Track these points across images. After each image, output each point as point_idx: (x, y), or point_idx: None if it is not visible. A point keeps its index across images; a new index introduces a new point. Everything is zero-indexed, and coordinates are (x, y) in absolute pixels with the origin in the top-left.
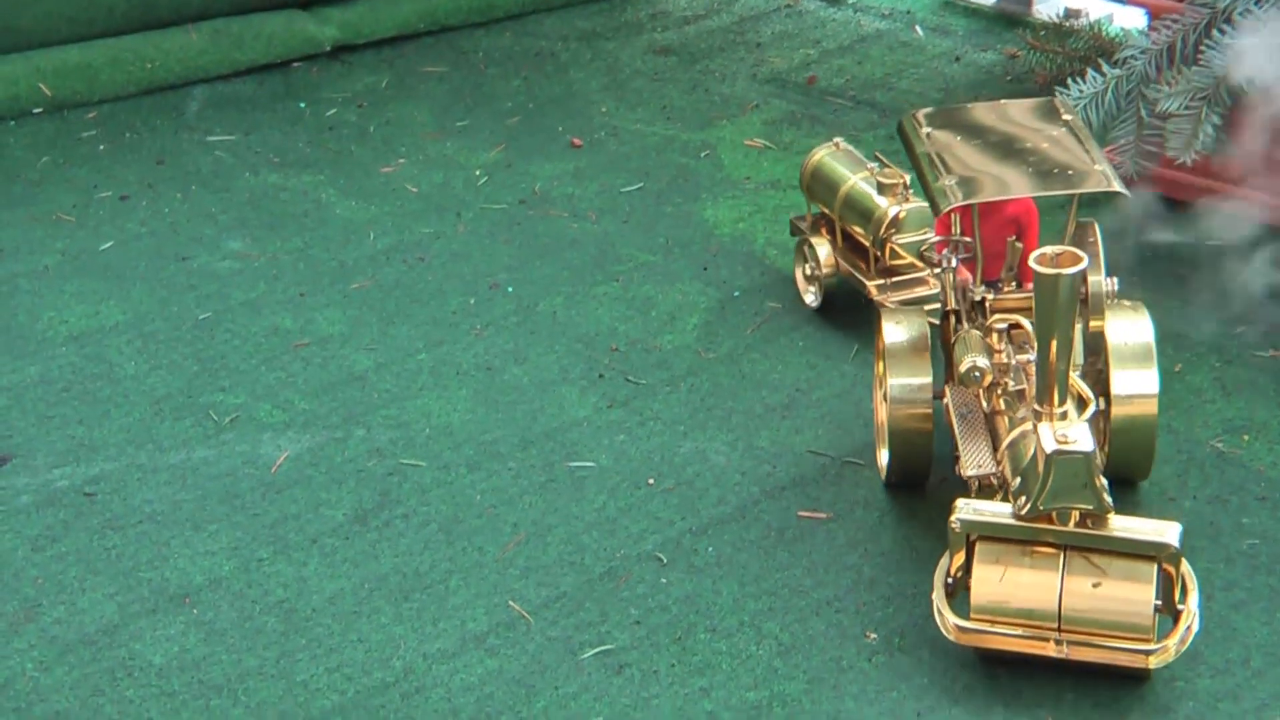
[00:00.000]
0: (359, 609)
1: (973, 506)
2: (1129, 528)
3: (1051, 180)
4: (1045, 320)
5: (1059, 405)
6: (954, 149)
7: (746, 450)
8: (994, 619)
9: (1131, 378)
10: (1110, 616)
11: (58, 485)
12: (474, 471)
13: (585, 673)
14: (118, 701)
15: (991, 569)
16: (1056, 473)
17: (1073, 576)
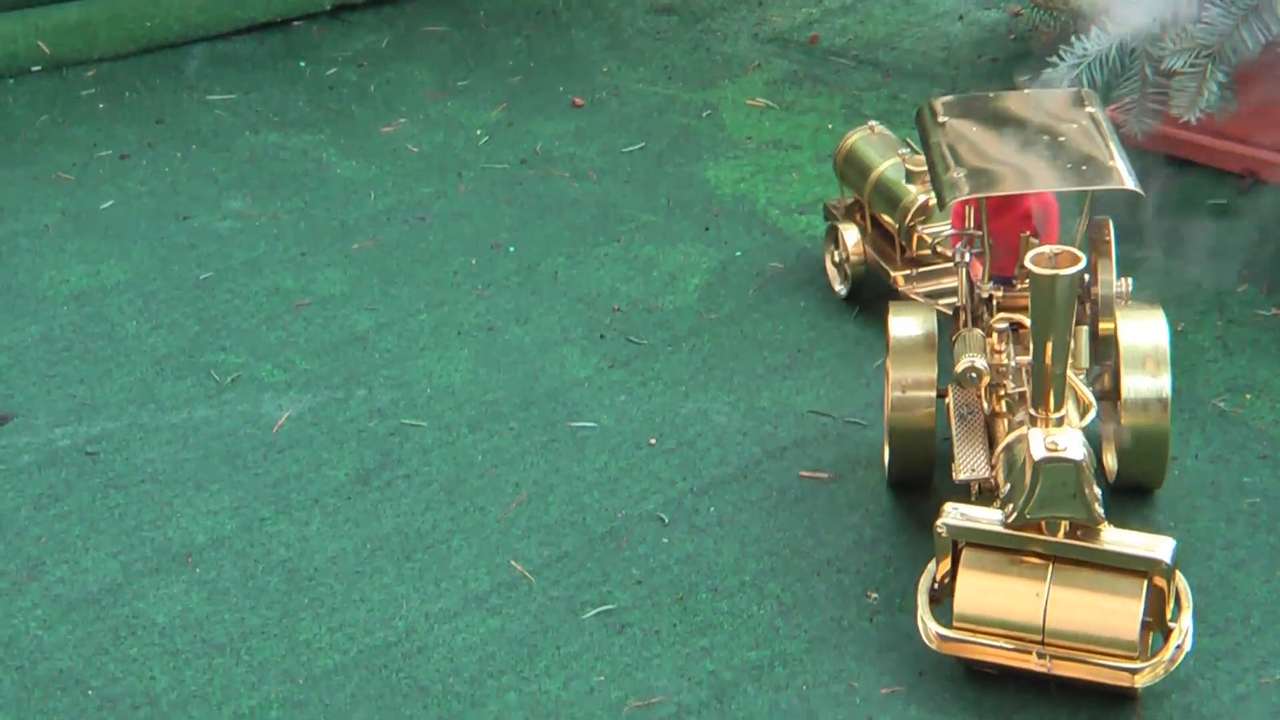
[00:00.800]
0: (361, 569)
1: (960, 511)
2: (1120, 541)
3: (1063, 176)
4: (1041, 322)
5: (1055, 410)
6: (967, 140)
7: (748, 410)
8: (976, 628)
9: (1142, 383)
10: (1096, 631)
11: (59, 444)
12: (475, 431)
13: (587, 632)
14: (121, 660)
15: (976, 577)
16: (1045, 481)
17: (1059, 588)
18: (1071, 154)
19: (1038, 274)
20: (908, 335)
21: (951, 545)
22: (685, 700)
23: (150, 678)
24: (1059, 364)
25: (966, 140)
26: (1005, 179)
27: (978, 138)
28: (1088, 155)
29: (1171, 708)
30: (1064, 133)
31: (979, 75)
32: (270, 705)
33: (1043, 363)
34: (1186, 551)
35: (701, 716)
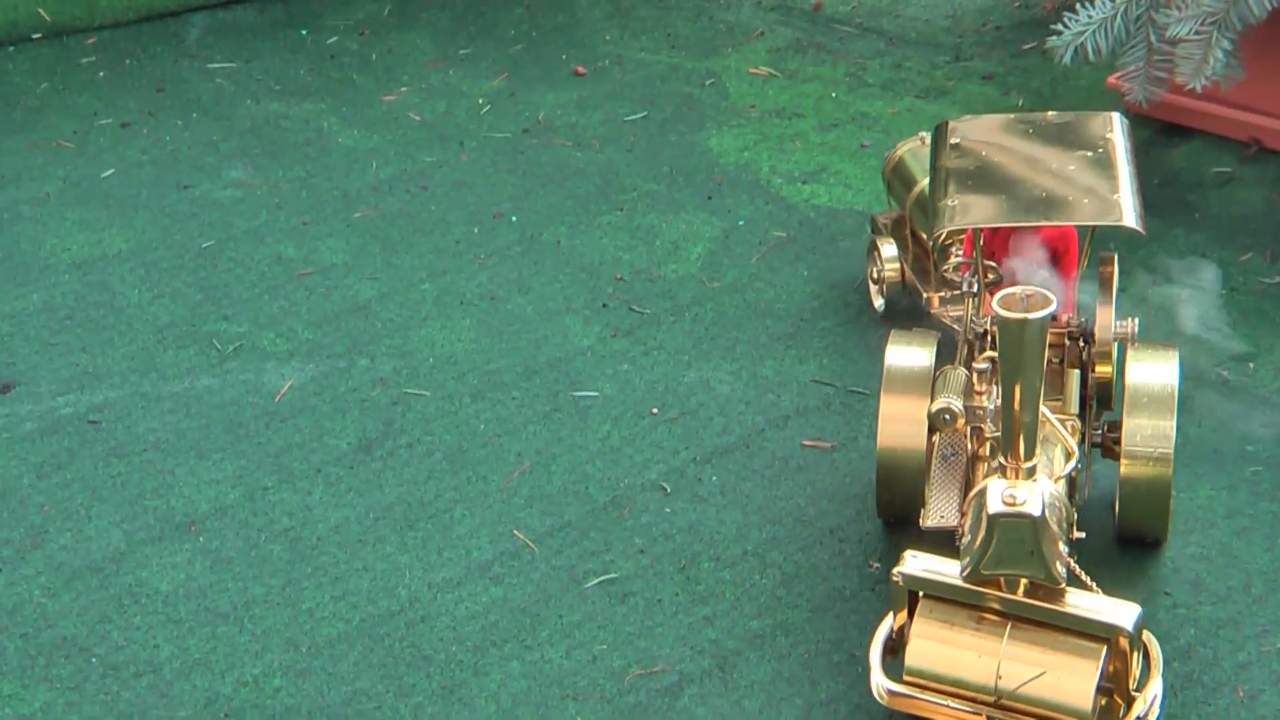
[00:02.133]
0: (364, 538)
1: (919, 560)
2: (1081, 605)
3: (1060, 209)
4: (1009, 367)
5: (1025, 459)
6: (973, 165)
7: (751, 379)
8: (927, 684)
9: (1145, 429)
10: (1048, 697)
11: (62, 413)
12: (478, 401)
13: (589, 601)
14: (125, 628)
15: (930, 630)
16: (1000, 536)
17: (1014, 649)
18: (1076, 185)
19: (1005, 317)
20: (904, 365)
21: (909, 595)
22: (687, 669)
23: (154, 646)
24: (1028, 411)
25: (972, 165)
26: (997, 211)
27: (984, 164)
28: (1092, 187)
29: (1172, 676)
30: (1075, 161)
31: (983, 43)
32: (273, 673)
33: (1011, 408)
34: (1189, 520)
35: (704, 685)
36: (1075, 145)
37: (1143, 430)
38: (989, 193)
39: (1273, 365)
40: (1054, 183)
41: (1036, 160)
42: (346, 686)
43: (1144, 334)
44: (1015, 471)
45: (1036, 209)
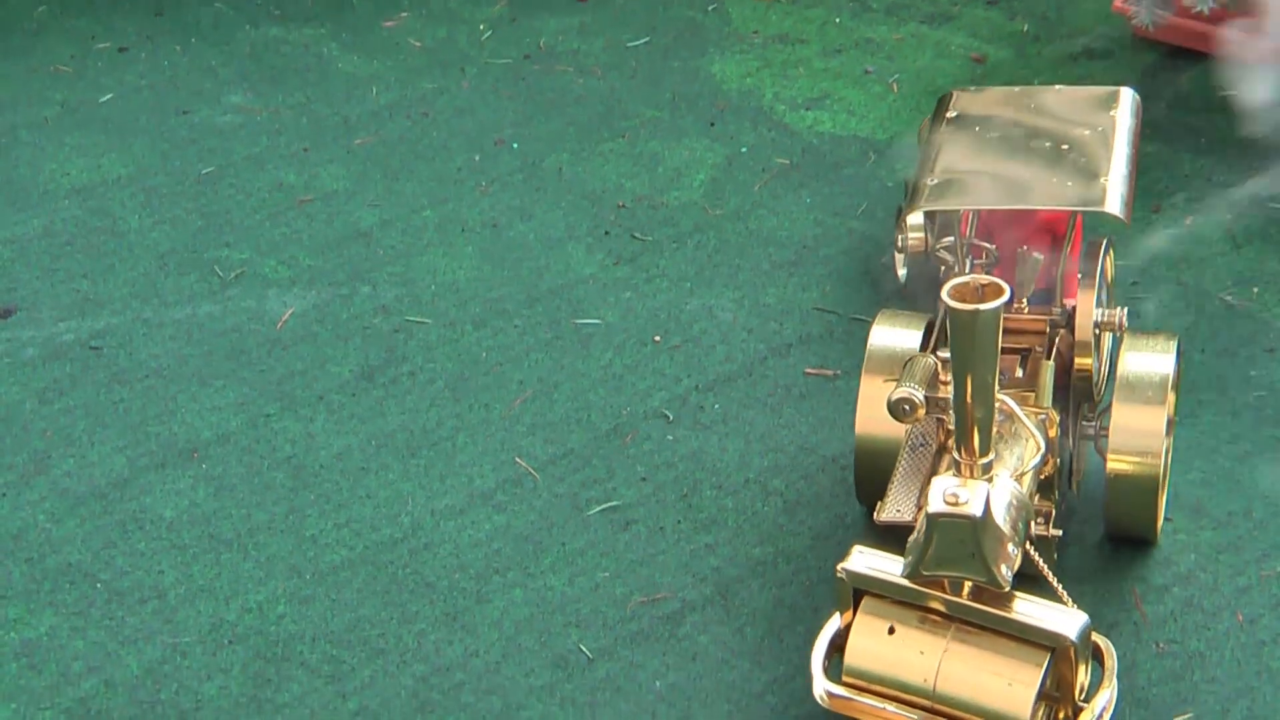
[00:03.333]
0: (367, 465)
1: (866, 556)
2: (1025, 611)
3: (1043, 193)
4: (960, 360)
5: (981, 455)
6: (964, 141)
7: (753, 307)
8: (866, 684)
9: (1132, 426)
10: (986, 703)
11: (63, 338)
12: (480, 329)
13: (592, 529)
14: (129, 554)
15: (872, 629)
16: (939, 537)
17: (955, 652)
18: (1065, 167)
19: (954, 309)
20: (887, 347)
21: (854, 592)
22: (690, 596)
23: (158, 571)
24: (981, 405)
25: (963, 142)
26: (973, 193)
27: (976, 140)
28: (1082, 170)
29: (1173, 601)
30: (1072, 140)
31: None
32: (278, 600)
33: (963, 402)
34: (1191, 446)
35: (705, 613)
36: (1076, 123)
37: (1130, 426)
38: (972, 173)
39: (1277, 290)
40: (1043, 164)
41: (1032, 138)
42: (350, 613)
43: (1148, 269)
44: (969, 468)
45: (1016, 192)
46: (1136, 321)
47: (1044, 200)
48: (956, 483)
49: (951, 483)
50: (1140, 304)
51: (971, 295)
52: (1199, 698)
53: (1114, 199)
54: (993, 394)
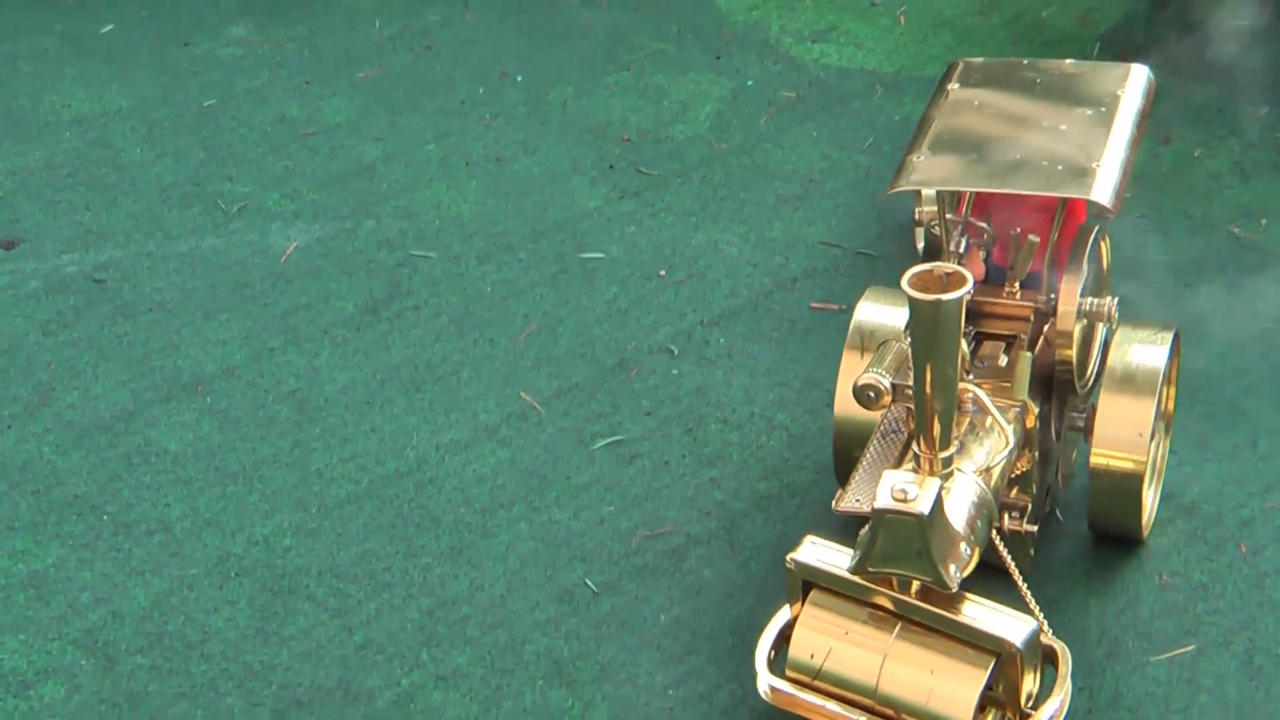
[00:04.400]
0: (371, 399)
1: (816, 548)
2: (972, 614)
3: (1029, 176)
4: (921, 350)
5: (941, 449)
6: (960, 117)
7: (759, 241)
8: (810, 679)
9: (1117, 418)
10: (928, 705)
11: (67, 271)
12: (484, 263)
13: (597, 463)
14: (135, 487)
15: (818, 621)
16: (886, 534)
17: (900, 651)
18: (1058, 149)
19: (915, 299)
20: (872, 324)
21: (803, 583)
22: (694, 530)
23: (164, 505)
24: (941, 397)
25: (958, 117)
26: (958, 173)
27: (972, 116)
28: (1075, 152)
29: (1176, 533)
30: (1071, 120)
31: None
32: (283, 533)
33: (923, 394)
34: (1197, 378)
35: (710, 547)
36: (1080, 100)
37: (1116, 419)
38: (961, 151)
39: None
40: (1036, 144)
41: (1030, 116)
42: (356, 547)
43: (1157, 201)
44: (929, 462)
45: (1001, 174)
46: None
47: (1028, 184)
48: (909, 478)
49: (903, 478)
50: (1147, 237)
51: (935, 284)
52: (1201, 629)
53: (1102, 186)
54: (954, 386)
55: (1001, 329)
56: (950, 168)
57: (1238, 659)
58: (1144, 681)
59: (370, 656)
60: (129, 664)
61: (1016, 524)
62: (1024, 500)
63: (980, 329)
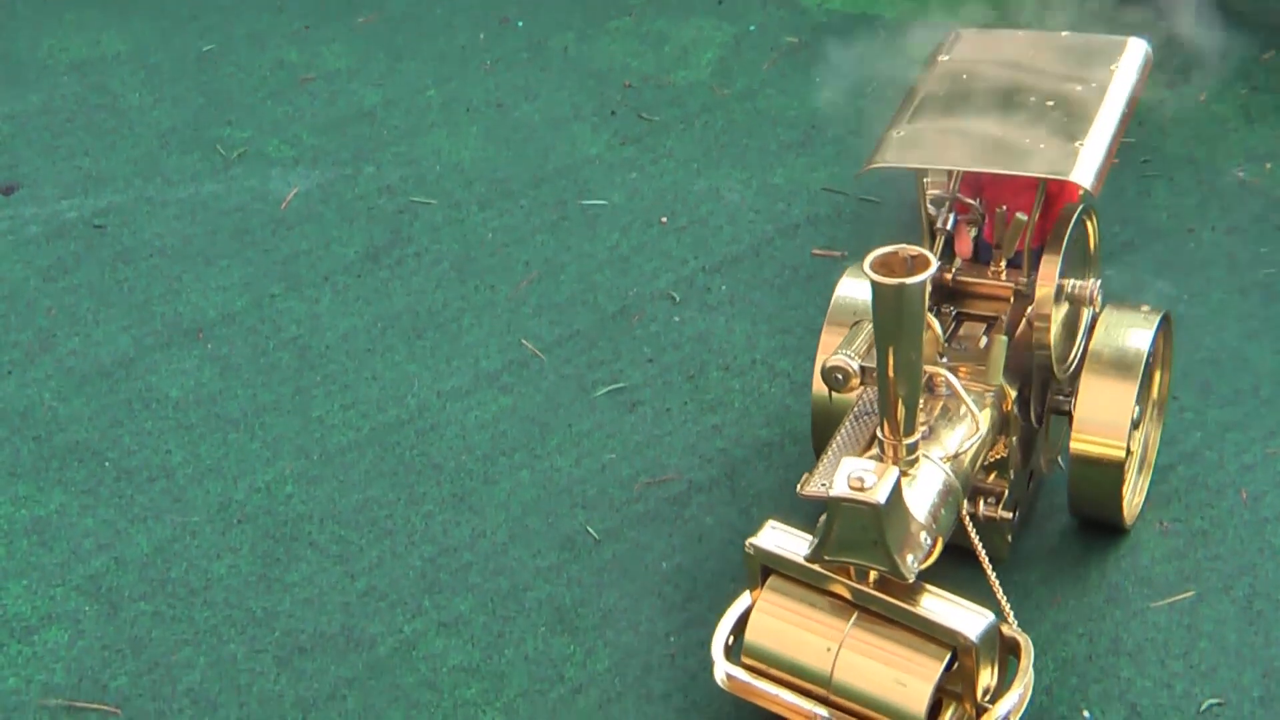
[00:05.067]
0: (373, 346)
1: (776, 532)
2: (929, 606)
3: (1008, 155)
4: (884, 334)
5: (906, 435)
6: (946, 90)
7: (761, 188)
8: (765, 666)
9: (1098, 402)
10: (881, 695)
11: (66, 216)
12: (485, 209)
13: (598, 410)
14: (136, 433)
15: (775, 606)
16: (841, 522)
17: (856, 640)
18: (1043, 126)
19: (877, 282)
20: (852, 300)
21: (763, 569)
22: (696, 477)
23: (166, 451)
24: (904, 384)
25: (945, 91)
26: (933, 151)
27: (958, 90)
28: (1060, 130)
29: (1178, 479)
30: (1060, 96)
31: None
32: (285, 480)
33: (885, 380)
34: (1200, 324)
35: (712, 494)
36: (1071, 75)
37: (1096, 403)
38: (942, 127)
39: None
40: (1020, 121)
41: (1018, 91)
42: (358, 494)
43: (1160, 146)
44: (893, 448)
45: (980, 152)
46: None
47: (1006, 164)
48: (867, 466)
49: (861, 465)
50: (1151, 183)
51: (900, 266)
52: (1201, 575)
53: (1084, 168)
54: (918, 371)
55: (984, 309)
56: (928, 146)
57: (1237, 604)
58: (1144, 627)
59: (372, 603)
60: (132, 610)
61: (992, 510)
62: (1001, 486)
63: (962, 309)
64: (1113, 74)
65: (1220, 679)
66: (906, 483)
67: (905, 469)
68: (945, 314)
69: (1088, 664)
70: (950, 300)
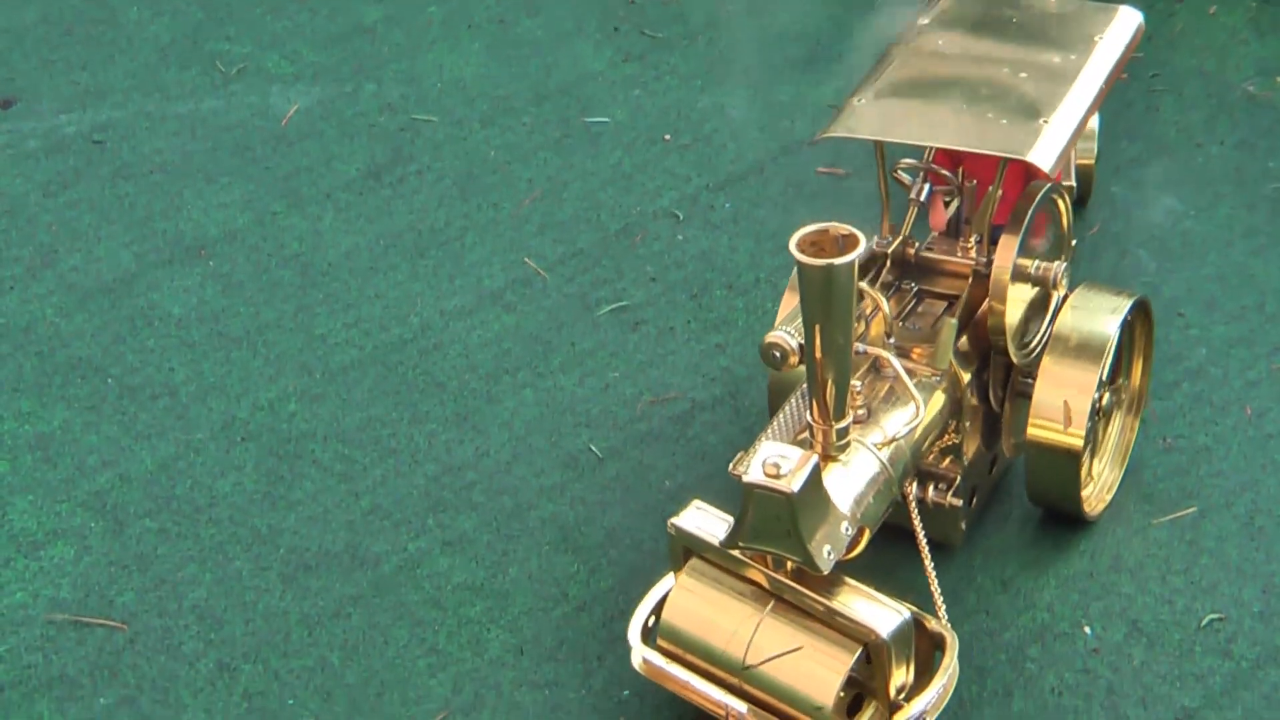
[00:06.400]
0: (375, 265)
1: (698, 513)
2: (843, 599)
3: (967, 130)
4: (810, 316)
5: (836, 420)
6: (919, 57)
7: (765, 105)
8: (680, 649)
9: (1057, 387)
10: (793, 685)
11: (65, 131)
12: (488, 127)
13: (601, 329)
14: (139, 350)
15: (693, 588)
16: (755, 509)
17: (770, 628)
18: (1011, 100)
19: (804, 264)
20: None
21: (685, 550)
22: (699, 396)
23: (169, 369)
24: (833, 367)
25: (917, 58)
26: (890, 122)
27: (932, 58)
28: (1027, 105)
29: (1182, 396)
30: (1036, 67)
31: None
32: (288, 398)
33: (814, 361)
34: (1206, 240)
35: (715, 412)
36: (1053, 46)
37: (1056, 388)
38: (906, 98)
39: None
40: (989, 94)
41: (993, 61)
42: (361, 412)
43: (1169, 60)
44: (823, 433)
45: (938, 126)
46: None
47: (964, 140)
48: (786, 451)
49: (779, 451)
50: (1159, 97)
51: (831, 245)
52: (1203, 492)
53: (1043, 148)
54: (847, 354)
55: (945, 287)
56: (888, 116)
57: (1239, 520)
58: (1145, 544)
59: (377, 522)
60: (138, 527)
61: (941, 496)
62: (954, 471)
63: (924, 285)
64: (1095, 46)
65: (1221, 595)
66: (835, 469)
67: (835, 454)
68: (906, 290)
69: (1089, 581)
70: (912, 276)
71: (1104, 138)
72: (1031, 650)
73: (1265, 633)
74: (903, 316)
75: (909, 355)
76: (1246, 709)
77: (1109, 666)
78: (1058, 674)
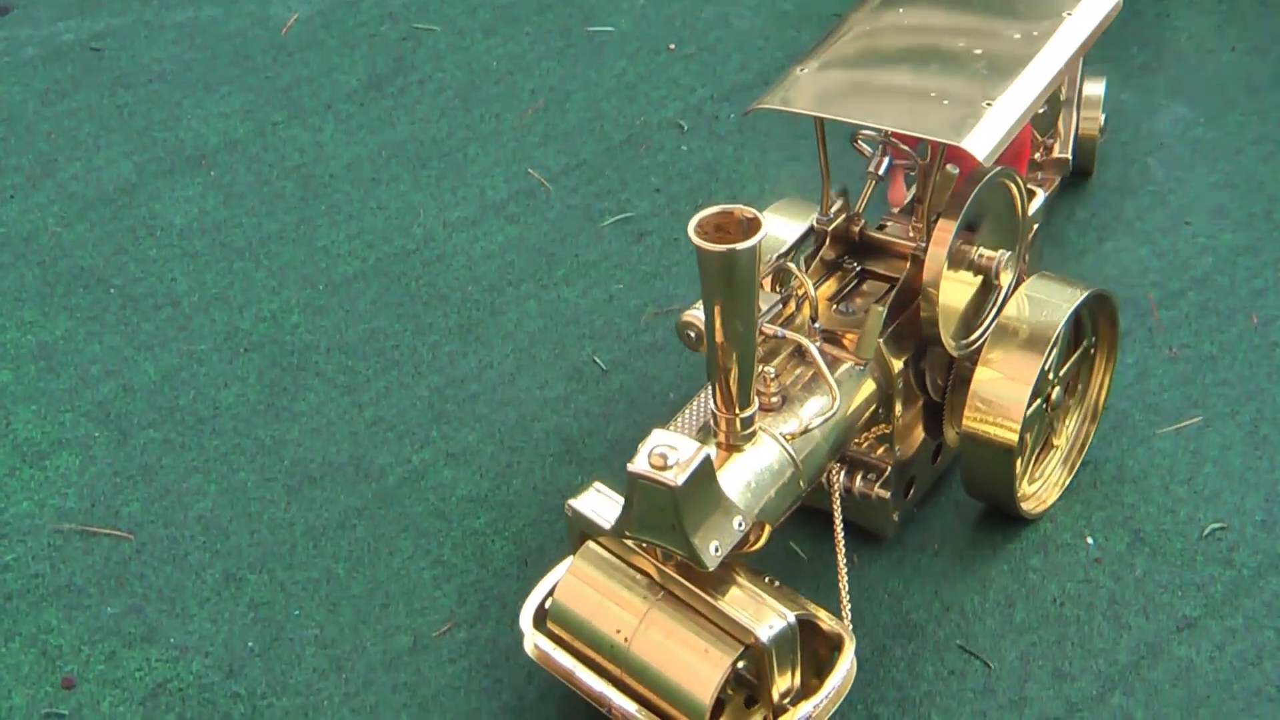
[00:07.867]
0: (377, 176)
1: (595, 496)
2: (729, 598)
3: (902, 110)
4: (710, 302)
5: (740, 409)
6: (874, 30)
7: (770, 14)
8: (567, 633)
9: (995, 379)
10: (672, 679)
11: (63, 39)
12: (490, 36)
13: (605, 240)
14: (141, 260)
15: (585, 572)
16: (639, 500)
17: (655, 619)
18: (957, 80)
19: (703, 249)
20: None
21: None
22: None
23: (171, 279)
24: (733, 355)
25: (870, 27)
26: (825, 97)
27: (887, 31)
28: (971, 87)
29: (1188, 305)
30: (991, 47)
31: None
32: (291, 310)
33: (715, 348)
34: (1216, 147)
35: None
36: (1017, 22)
37: (994, 380)
38: (850, 71)
39: None
40: (937, 70)
41: (949, 37)
42: (364, 324)
43: None
44: (726, 422)
45: (874, 104)
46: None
47: (898, 120)
48: (676, 441)
49: (668, 440)
50: (1169, 3)
51: (734, 227)
52: (1209, 400)
53: (981, 135)
54: (750, 341)
55: (889, 269)
56: (827, 90)
57: (1243, 429)
58: (1150, 453)
59: (380, 433)
60: (142, 437)
61: (868, 487)
62: (886, 462)
63: (869, 265)
64: (1061, 23)
65: (1223, 504)
66: (736, 460)
67: (739, 444)
68: (848, 270)
69: (1092, 491)
70: (856, 255)
71: (1113, 45)
72: (1034, 561)
73: (1267, 541)
74: (840, 298)
75: (840, 340)
76: (1247, 616)
77: (1111, 576)
78: (1059, 584)
